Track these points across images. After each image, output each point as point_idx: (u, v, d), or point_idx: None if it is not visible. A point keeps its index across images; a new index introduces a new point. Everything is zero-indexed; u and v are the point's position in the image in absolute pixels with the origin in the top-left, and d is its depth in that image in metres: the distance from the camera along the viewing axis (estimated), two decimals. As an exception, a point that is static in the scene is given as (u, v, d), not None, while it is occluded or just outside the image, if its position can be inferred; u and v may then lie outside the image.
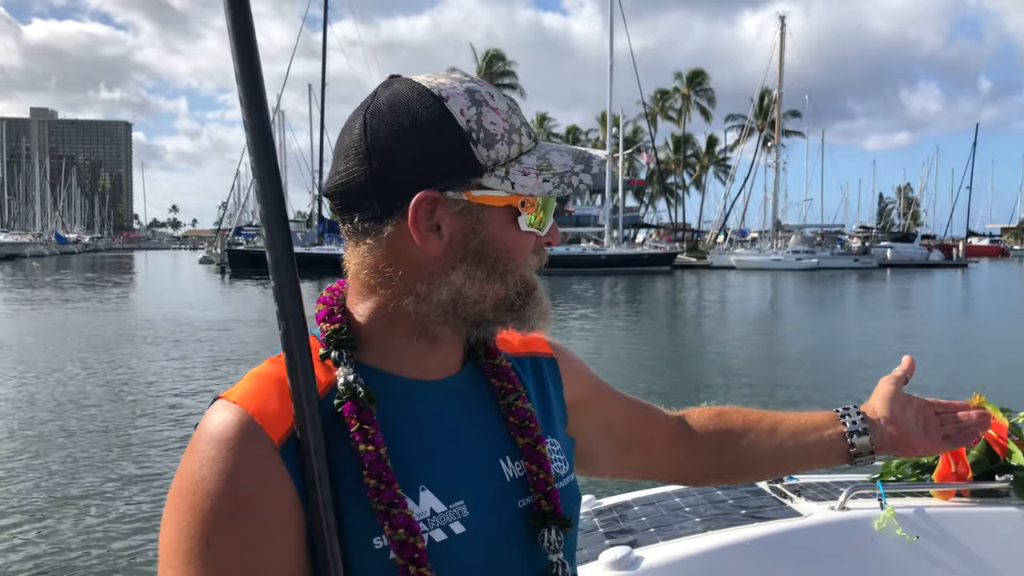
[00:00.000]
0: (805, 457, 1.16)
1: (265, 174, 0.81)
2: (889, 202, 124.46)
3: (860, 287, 36.99)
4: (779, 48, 58.76)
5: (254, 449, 0.80)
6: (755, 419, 1.18)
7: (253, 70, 0.80)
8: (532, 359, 1.06)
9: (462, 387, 0.95)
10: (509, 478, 0.92)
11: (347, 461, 0.82)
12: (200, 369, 12.67)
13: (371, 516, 0.81)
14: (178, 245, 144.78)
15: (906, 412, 1.14)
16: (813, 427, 1.15)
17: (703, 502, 2.42)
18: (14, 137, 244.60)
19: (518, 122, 0.88)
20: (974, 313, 26.02)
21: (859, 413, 1.14)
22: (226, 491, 0.78)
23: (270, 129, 0.81)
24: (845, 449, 1.13)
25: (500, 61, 66.66)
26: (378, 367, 0.89)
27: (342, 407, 0.83)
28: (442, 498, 0.86)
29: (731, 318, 22.77)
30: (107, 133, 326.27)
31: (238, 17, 0.79)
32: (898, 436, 1.13)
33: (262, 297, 29.31)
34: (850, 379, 11.98)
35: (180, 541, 0.78)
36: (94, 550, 5.43)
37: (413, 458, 0.85)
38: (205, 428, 0.82)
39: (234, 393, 0.84)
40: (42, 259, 71.73)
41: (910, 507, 2.34)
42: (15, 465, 7.33)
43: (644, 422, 1.18)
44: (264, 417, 0.81)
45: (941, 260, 62.33)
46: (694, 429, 1.19)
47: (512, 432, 0.94)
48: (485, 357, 0.98)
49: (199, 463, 0.79)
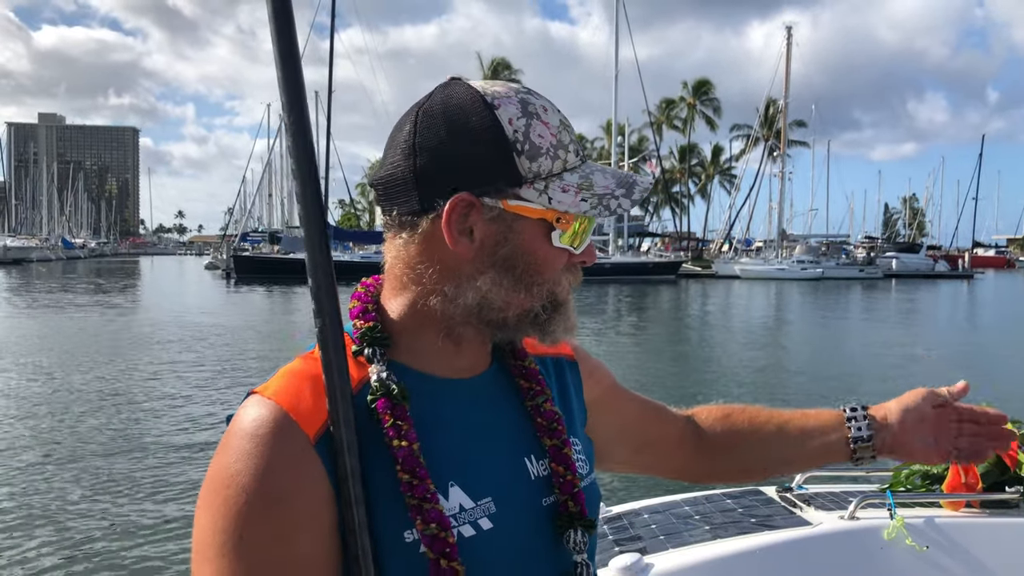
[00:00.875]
0: (809, 458, 1.19)
1: (306, 177, 0.82)
2: (894, 212, 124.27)
3: (865, 297, 36.90)
4: (785, 58, 58.86)
5: (289, 444, 0.80)
6: (762, 420, 1.20)
7: (295, 76, 0.81)
8: (555, 360, 1.08)
9: (488, 386, 0.96)
10: (534, 476, 0.94)
11: (379, 456, 0.83)
12: (206, 374, 12.68)
13: (402, 510, 0.82)
14: (184, 251, 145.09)
15: (921, 425, 1.14)
16: (819, 430, 1.16)
17: (713, 510, 2.43)
18: (22, 142, 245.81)
19: (567, 139, 0.89)
20: (981, 324, 25.93)
21: (866, 417, 1.15)
22: (261, 485, 0.78)
23: (311, 134, 0.83)
24: (848, 452, 1.15)
25: (506, 70, 66.77)
26: (408, 364, 0.90)
27: (376, 403, 0.85)
28: (471, 494, 0.87)
29: (735, 327, 22.73)
30: (114, 139, 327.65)
31: (282, 25, 0.81)
32: (902, 445, 1.14)
33: (268, 303, 29.38)
34: (854, 391, 11.95)
35: (214, 534, 0.78)
36: (98, 557, 5.44)
37: (443, 455, 0.87)
38: (240, 423, 0.82)
39: (268, 388, 0.85)
40: (48, 264, 71.94)
41: (920, 517, 2.34)
42: (23, 468, 7.35)
43: (656, 423, 1.21)
44: (299, 413, 0.82)
45: (947, 271, 62.13)
46: (702, 429, 1.22)
47: (539, 433, 0.96)
48: (513, 358, 1.00)
49: (234, 457, 0.80)
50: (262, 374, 12.47)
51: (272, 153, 67.91)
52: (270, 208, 77.35)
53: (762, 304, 32.66)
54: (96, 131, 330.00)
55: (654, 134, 63.54)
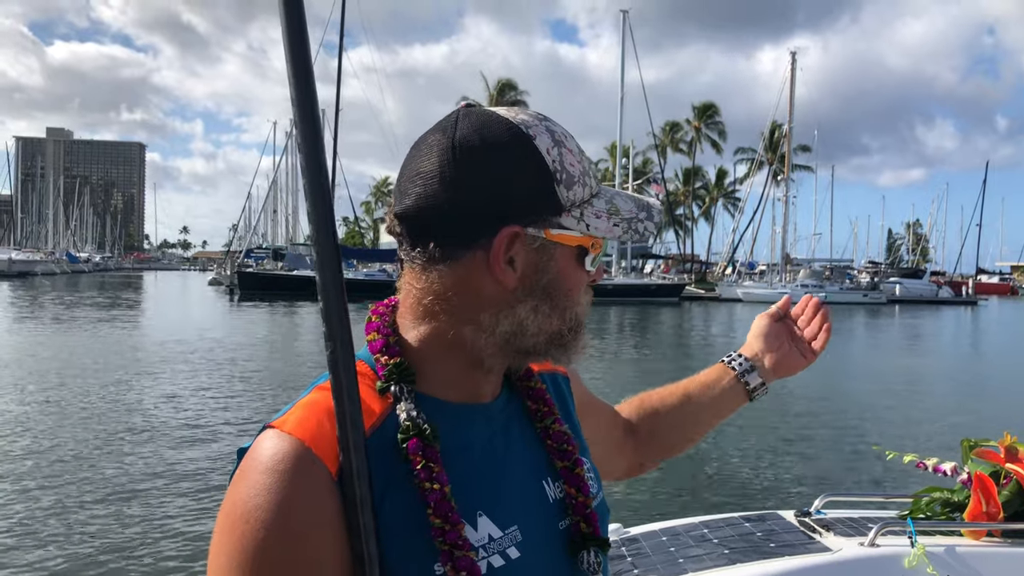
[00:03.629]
0: (717, 411, 1.29)
1: (318, 198, 0.81)
2: (898, 238, 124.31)
3: (868, 323, 36.82)
4: (790, 83, 59.12)
5: (310, 480, 0.79)
6: (669, 394, 1.30)
7: (308, 94, 0.80)
8: (551, 376, 1.08)
9: (504, 410, 0.96)
10: (551, 500, 0.94)
11: (406, 490, 0.82)
12: (209, 392, 12.66)
13: (430, 539, 0.81)
14: (188, 266, 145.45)
15: (779, 340, 1.31)
16: (714, 382, 1.29)
17: (731, 534, 2.40)
18: (30, 156, 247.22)
19: (588, 165, 0.91)
20: (987, 351, 25.83)
21: (740, 355, 1.30)
22: (280, 522, 0.77)
23: (324, 155, 0.82)
24: (743, 389, 1.28)
25: (512, 91, 67.14)
26: (431, 394, 0.89)
27: (407, 443, 0.83)
28: (498, 523, 0.86)
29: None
30: (121, 154, 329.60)
31: (295, 41, 0.79)
32: (778, 362, 1.30)
33: (271, 320, 29.38)
34: (858, 415, 11.88)
35: (230, 570, 0.77)
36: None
37: (470, 484, 0.86)
38: (259, 456, 0.80)
39: (287, 423, 0.82)
40: (52, 277, 72.11)
41: (941, 546, 2.31)
42: (24, 486, 7.31)
43: (615, 423, 1.26)
44: (320, 447, 0.80)
45: (951, 297, 62.02)
46: (632, 422, 1.29)
47: (551, 455, 0.96)
48: (520, 379, 1.00)
49: (254, 491, 0.78)
50: (264, 393, 12.48)
51: (278, 170, 68.36)
52: (275, 225, 77.68)
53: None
54: (103, 146, 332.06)
55: (659, 157, 63.76)
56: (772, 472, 8.44)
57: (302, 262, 50.43)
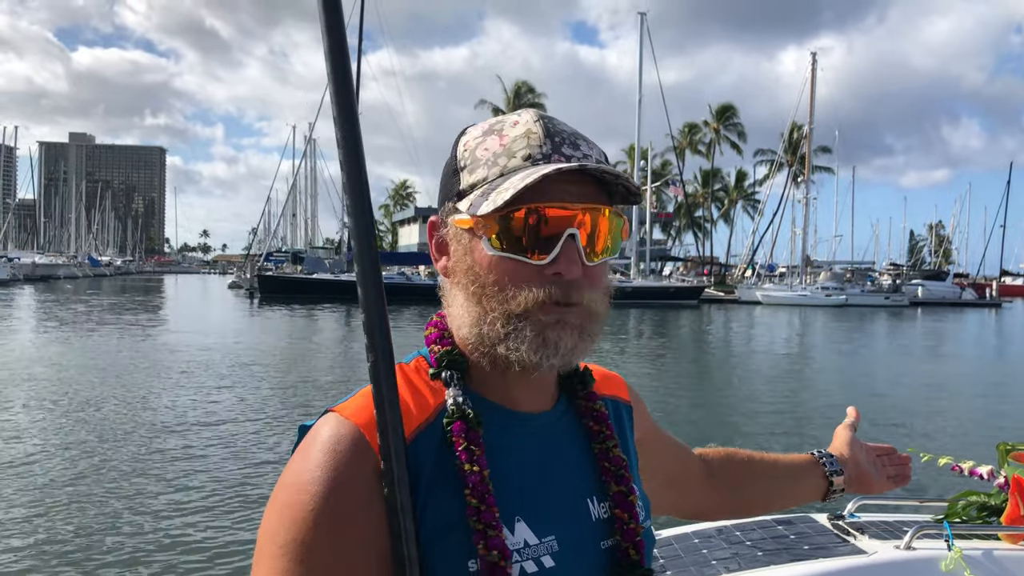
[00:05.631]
0: (794, 495, 1.34)
1: (359, 212, 0.82)
2: (920, 239, 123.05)
3: (891, 325, 36.45)
4: (810, 84, 58.72)
5: (363, 464, 0.82)
6: (759, 459, 1.33)
7: (350, 112, 0.81)
8: (613, 402, 1.07)
9: (554, 424, 0.96)
10: (594, 518, 0.94)
11: (451, 482, 0.84)
12: (232, 395, 12.73)
13: (468, 539, 0.82)
14: (208, 270, 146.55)
15: (865, 456, 1.37)
16: (801, 470, 1.32)
17: (764, 536, 2.38)
18: (52, 161, 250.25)
19: (518, 146, 0.87)
20: (1013, 354, 25.46)
21: (831, 456, 1.34)
22: (331, 499, 0.81)
23: (364, 168, 0.82)
24: (825, 487, 1.32)
25: (529, 93, 67.17)
26: (482, 394, 0.91)
27: (451, 426, 0.86)
28: (536, 531, 0.88)
29: (756, 355, 22.51)
30: (142, 158, 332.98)
31: (337, 59, 0.80)
32: (859, 475, 1.34)
33: (291, 323, 29.54)
34: (889, 418, 11.76)
35: (279, 534, 0.81)
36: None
37: (512, 488, 0.87)
38: (319, 436, 0.85)
39: (348, 408, 0.87)
40: (75, 281, 72.92)
41: (978, 549, 2.28)
42: (47, 491, 7.38)
43: (683, 461, 1.26)
44: (373, 434, 0.83)
45: (974, 299, 61.25)
46: (712, 468, 1.29)
47: (605, 478, 0.96)
48: (584, 399, 1.00)
49: (310, 467, 0.82)
50: (288, 396, 12.52)
51: (297, 174, 68.75)
52: (294, 228, 78.08)
53: (784, 331, 32.34)
54: (124, 151, 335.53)
55: (677, 158, 63.52)
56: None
57: (321, 266, 50.67)
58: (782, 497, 1.34)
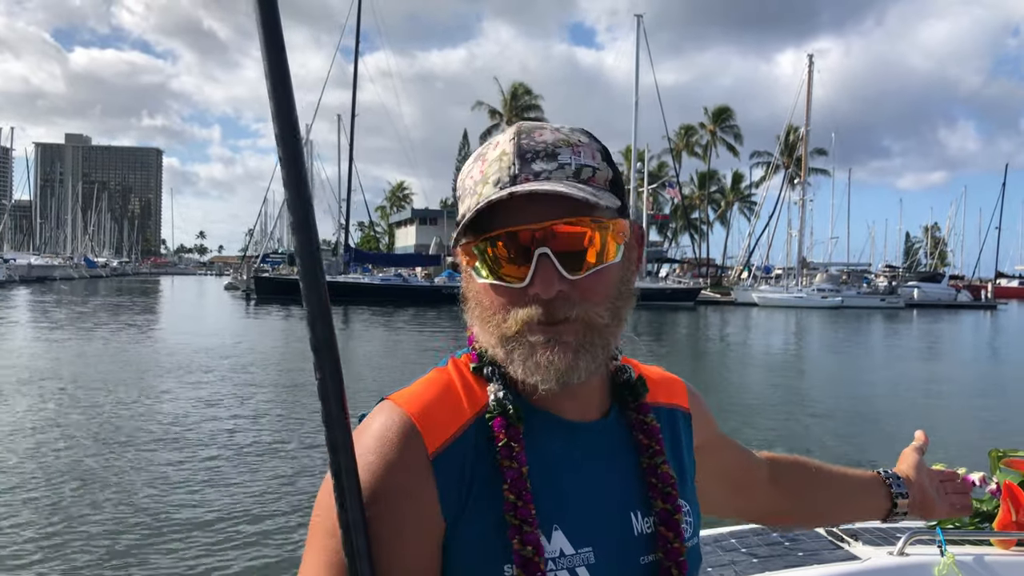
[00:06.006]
0: (856, 511, 1.34)
1: (302, 223, 0.81)
2: (916, 241, 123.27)
3: (887, 327, 36.52)
4: (807, 86, 58.82)
5: (409, 453, 0.84)
6: (826, 470, 1.31)
7: (288, 106, 0.78)
8: (669, 411, 1.06)
9: (603, 434, 0.95)
10: (637, 532, 0.93)
11: (492, 481, 0.85)
12: (229, 397, 12.73)
13: (506, 544, 0.83)
14: (204, 271, 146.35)
15: (930, 480, 1.35)
16: (866, 487, 1.30)
17: (758, 543, 2.39)
18: (49, 162, 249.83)
19: (492, 170, 0.87)
20: (1008, 356, 25.52)
21: (898, 478, 1.32)
22: (381, 482, 0.83)
23: (307, 180, 0.82)
24: (887, 509, 1.31)
25: (527, 95, 67.20)
26: (526, 398, 0.91)
27: (492, 421, 0.87)
28: (572, 541, 0.87)
29: (752, 357, 22.55)
30: (138, 159, 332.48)
31: (272, 50, 0.78)
32: (923, 500, 1.33)
33: (287, 324, 29.51)
34: (881, 422, 11.80)
35: (331, 509, 0.81)
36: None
37: (550, 496, 0.87)
38: (372, 423, 0.88)
39: (402, 397, 0.90)
40: (71, 282, 72.74)
41: (970, 555, 2.30)
42: (46, 491, 7.37)
43: (749, 466, 1.23)
44: (425, 425, 0.86)
45: (969, 301, 61.39)
46: (777, 473, 1.27)
47: (652, 494, 0.95)
48: (636, 411, 0.99)
49: (362, 451, 0.84)
50: (285, 397, 12.52)
51: (294, 175, 68.36)
52: (290, 230, 77.90)
53: (780, 332, 32.39)
54: (121, 152, 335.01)
55: (673, 160, 63.59)
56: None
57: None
58: (843, 512, 1.34)
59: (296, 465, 8.29)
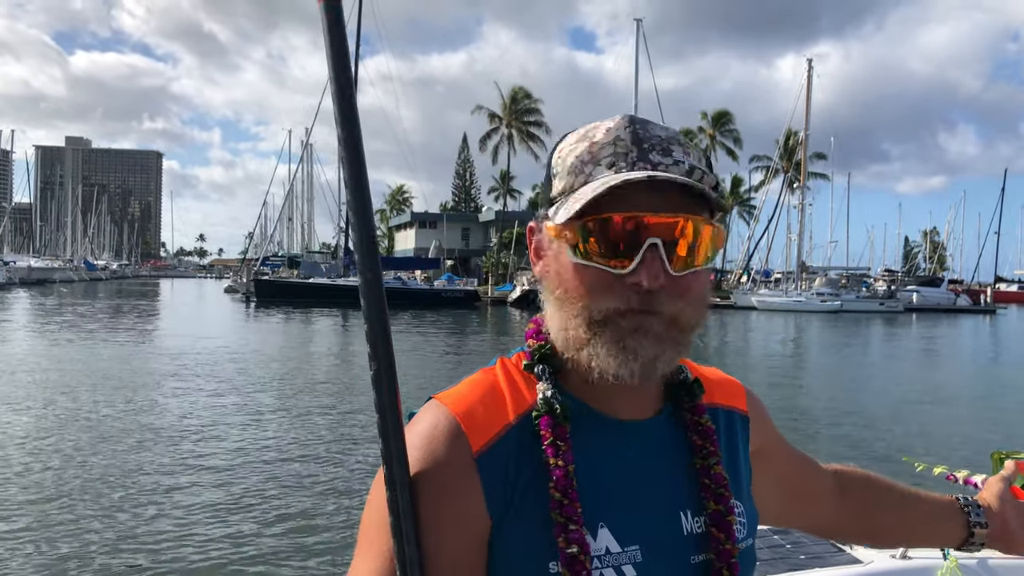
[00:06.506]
0: (928, 537, 1.26)
1: (363, 225, 0.83)
2: (915, 246, 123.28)
3: (886, 331, 36.51)
4: (806, 90, 58.89)
5: (454, 451, 0.85)
6: (896, 491, 1.23)
7: (352, 125, 0.82)
8: (727, 413, 1.04)
9: (654, 433, 0.95)
10: (687, 532, 0.92)
11: (538, 480, 0.86)
12: (230, 399, 12.71)
13: (551, 540, 0.83)
14: (204, 274, 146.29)
15: (1016, 513, 1.24)
16: (941, 513, 1.21)
17: (761, 546, 2.39)
18: (49, 165, 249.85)
19: (604, 153, 0.87)
20: (1007, 360, 25.51)
21: (978, 506, 1.22)
22: (426, 479, 0.84)
23: (366, 174, 0.84)
24: (963, 537, 1.21)
25: (526, 98, 67.24)
26: (576, 395, 0.91)
27: (539, 419, 0.87)
28: (619, 539, 0.87)
29: (751, 360, 22.54)
30: (138, 162, 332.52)
31: (339, 63, 0.82)
32: (1003, 532, 1.22)
33: (287, 328, 29.51)
34: (882, 426, 11.79)
35: (382, 508, 0.83)
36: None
37: (596, 493, 0.87)
38: (419, 422, 0.89)
39: (449, 397, 0.91)
40: (71, 285, 72.72)
41: (973, 558, 2.29)
42: (45, 491, 7.36)
43: (811, 475, 1.19)
44: (470, 424, 0.87)
45: (969, 305, 61.37)
46: (845, 487, 1.22)
47: (704, 494, 0.94)
48: (691, 412, 0.98)
49: (409, 449, 0.84)
50: (288, 399, 12.50)
51: (294, 178, 68.67)
52: (290, 232, 77.95)
53: (779, 336, 32.38)
54: (121, 155, 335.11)
55: (673, 164, 63.28)
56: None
57: (317, 270, 50.60)
58: (914, 535, 1.27)
59: (314, 468, 8.28)
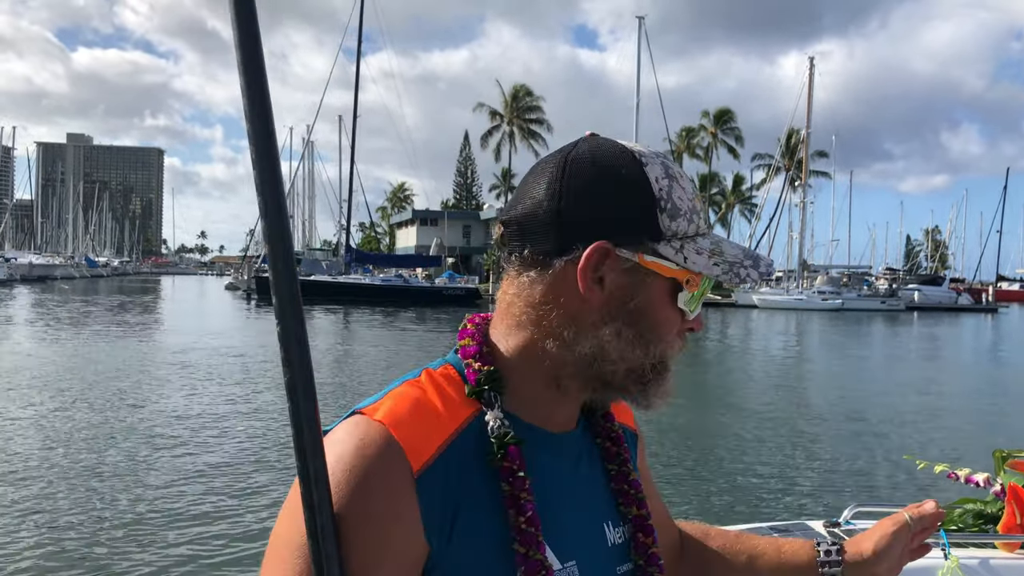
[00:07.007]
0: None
1: (273, 216, 0.78)
2: (916, 244, 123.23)
3: (888, 330, 36.50)
4: (808, 88, 58.85)
5: (393, 473, 0.79)
6: (739, 542, 1.16)
7: (264, 111, 0.78)
8: (623, 427, 1.05)
9: (575, 446, 0.95)
10: (611, 543, 0.93)
11: (483, 502, 0.83)
12: (231, 397, 12.70)
13: (506, 566, 0.82)
14: (205, 271, 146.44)
15: (892, 550, 1.08)
16: (790, 566, 1.12)
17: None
18: (50, 161, 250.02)
19: (699, 206, 0.90)
20: (1009, 359, 25.48)
21: (840, 551, 1.09)
22: (357, 504, 0.78)
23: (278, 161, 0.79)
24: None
25: (528, 96, 67.22)
26: (511, 411, 0.89)
27: (504, 449, 0.84)
28: (559, 556, 0.87)
29: (752, 359, 22.53)
30: (140, 159, 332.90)
31: (248, 54, 0.78)
32: (872, 573, 1.09)
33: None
34: (884, 425, 11.76)
35: (293, 538, 0.78)
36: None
37: (543, 512, 0.86)
38: (348, 438, 0.81)
39: (378, 411, 0.83)
40: (72, 281, 72.77)
41: (974, 558, 2.26)
42: (45, 491, 7.34)
43: (664, 525, 1.13)
44: (408, 443, 0.81)
45: (970, 304, 61.35)
46: (687, 543, 1.19)
47: (625, 501, 0.96)
48: (603, 420, 1.00)
49: (335, 470, 0.78)
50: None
51: (294, 176, 68.70)
52: (291, 230, 77.98)
53: (780, 335, 32.37)
54: (122, 152, 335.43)
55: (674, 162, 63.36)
56: (799, 482, 8.35)
57: (318, 267, 50.65)
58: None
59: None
